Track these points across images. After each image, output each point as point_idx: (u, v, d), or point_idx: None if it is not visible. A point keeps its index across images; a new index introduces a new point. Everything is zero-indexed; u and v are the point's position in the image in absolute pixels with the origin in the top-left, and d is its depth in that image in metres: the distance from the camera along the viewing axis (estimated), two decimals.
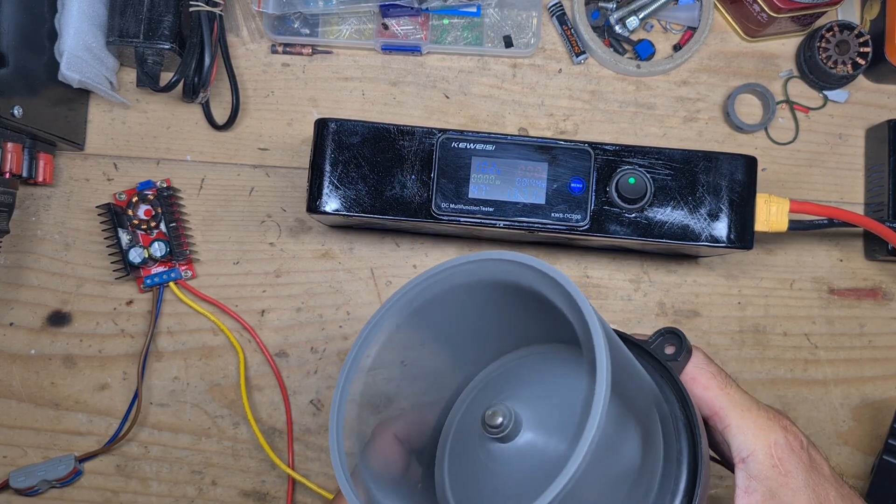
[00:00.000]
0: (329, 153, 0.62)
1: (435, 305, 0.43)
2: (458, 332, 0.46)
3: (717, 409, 0.45)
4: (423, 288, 0.43)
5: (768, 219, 0.63)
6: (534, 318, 0.39)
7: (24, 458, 0.69)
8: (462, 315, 0.44)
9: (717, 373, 0.47)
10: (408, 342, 0.45)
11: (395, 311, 0.44)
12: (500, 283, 0.41)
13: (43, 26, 0.65)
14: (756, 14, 0.69)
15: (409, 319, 0.44)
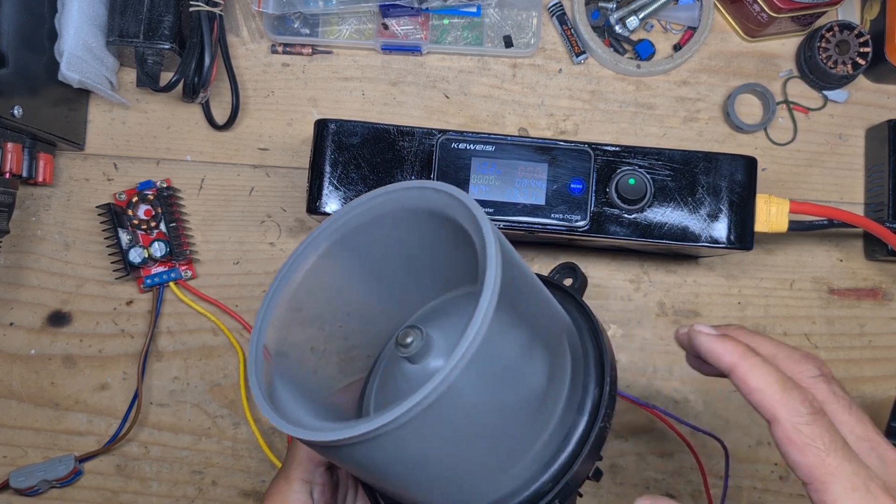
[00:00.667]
0: (329, 154, 0.62)
1: (361, 234, 0.44)
2: (389, 262, 0.45)
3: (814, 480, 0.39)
4: (348, 218, 0.44)
5: (768, 219, 0.63)
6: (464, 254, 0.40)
7: (24, 458, 0.69)
8: (390, 245, 0.44)
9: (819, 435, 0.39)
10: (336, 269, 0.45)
11: (322, 238, 0.44)
12: (421, 210, 0.42)
13: (43, 26, 0.65)
14: (756, 14, 0.69)
15: (335, 247, 0.44)
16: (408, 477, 0.39)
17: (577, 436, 0.41)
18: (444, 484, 0.40)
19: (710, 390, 0.71)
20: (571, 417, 0.42)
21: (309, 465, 0.47)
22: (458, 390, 0.34)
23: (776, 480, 0.70)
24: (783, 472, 0.70)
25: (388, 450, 0.36)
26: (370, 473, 0.39)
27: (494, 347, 0.36)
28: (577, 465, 0.41)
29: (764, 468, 0.70)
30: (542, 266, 0.71)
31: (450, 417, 0.35)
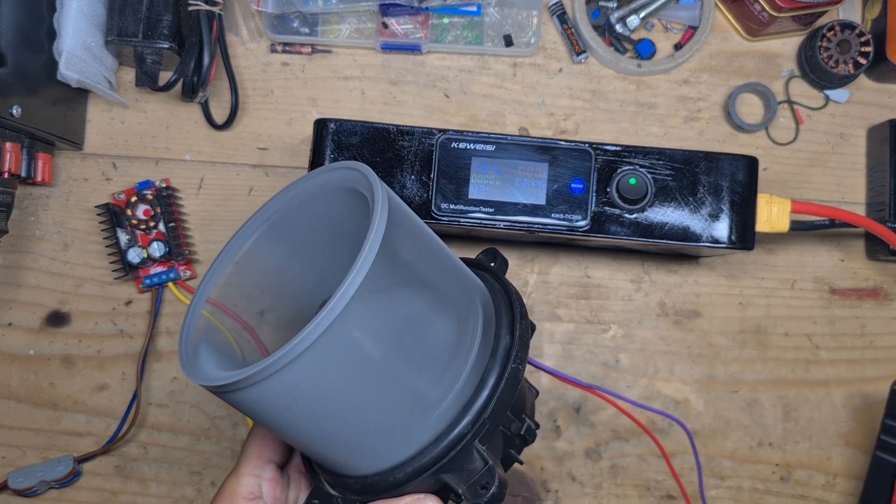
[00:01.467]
0: (329, 153, 0.62)
1: (290, 219, 0.47)
2: (317, 241, 0.48)
3: None
4: (277, 206, 0.47)
5: (769, 219, 0.63)
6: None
7: (23, 458, 0.69)
8: (318, 224, 0.47)
9: None
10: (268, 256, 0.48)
11: (251, 227, 0.48)
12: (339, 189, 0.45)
13: (42, 26, 0.64)
14: (757, 13, 0.69)
15: (266, 234, 0.48)
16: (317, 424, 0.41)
17: (493, 379, 0.44)
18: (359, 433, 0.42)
19: (712, 391, 0.70)
20: (484, 363, 0.45)
21: (259, 461, 0.49)
22: (345, 333, 0.37)
23: (777, 481, 0.70)
24: (784, 472, 0.70)
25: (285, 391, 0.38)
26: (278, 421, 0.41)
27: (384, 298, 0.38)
28: (492, 405, 0.43)
29: (765, 469, 0.70)
30: (542, 266, 0.71)
31: (341, 360, 0.38)
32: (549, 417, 0.70)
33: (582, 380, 0.70)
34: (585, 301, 0.71)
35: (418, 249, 0.43)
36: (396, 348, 0.40)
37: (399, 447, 0.43)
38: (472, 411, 0.43)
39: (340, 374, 0.38)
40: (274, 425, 0.42)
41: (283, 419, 0.41)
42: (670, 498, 0.70)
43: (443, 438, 0.43)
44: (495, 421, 0.44)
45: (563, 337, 0.70)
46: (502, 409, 0.44)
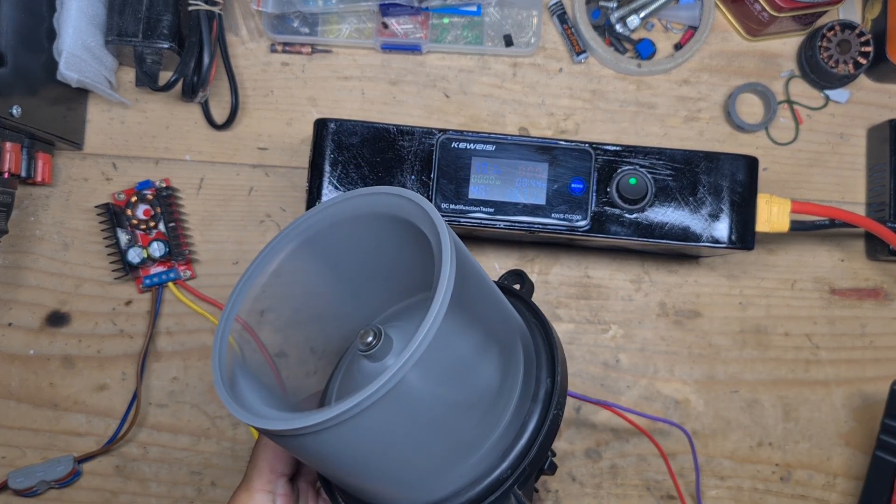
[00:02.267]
0: (329, 153, 0.62)
1: (326, 236, 0.46)
2: (354, 264, 0.48)
3: None
4: (315, 220, 0.46)
5: (769, 219, 0.63)
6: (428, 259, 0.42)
7: (23, 458, 0.69)
8: (355, 247, 0.47)
9: None
10: (301, 269, 0.47)
11: (287, 239, 0.46)
12: (386, 215, 0.44)
13: (42, 25, 0.64)
14: (757, 13, 0.69)
15: (301, 247, 0.46)
16: (366, 468, 0.41)
17: (533, 424, 0.44)
18: (403, 474, 0.42)
19: (712, 391, 0.70)
20: (526, 407, 0.44)
21: (271, 475, 0.48)
22: (410, 385, 0.36)
23: (777, 481, 0.70)
24: (784, 472, 0.70)
25: (344, 440, 0.38)
26: (329, 464, 0.41)
27: (446, 346, 0.38)
28: (534, 451, 0.43)
29: (765, 469, 0.70)
30: (542, 266, 0.71)
31: (402, 410, 0.37)
32: None
33: (584, 378, 0.70)
34: (585, 301, 0.71)
35: (474, 289, 0.42)
36: (450, 393, 0.40)
37: (437, 486, 0.43)
38: (511, 456, 0.43)
39: (395, 422, 0.38)
40: (312, 462, 0.42)
41: (325, 460, 0.40)
42: (670, 498, 0.70)
43: (481, 481, 0.43)
44: (534, 467, 0.44)
45: (564, 337, 0.70)
46: (542, 456, 0.44)
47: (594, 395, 0.70)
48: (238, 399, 0.41)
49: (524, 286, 0.54)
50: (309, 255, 0.47)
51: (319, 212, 0.46)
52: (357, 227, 0.46)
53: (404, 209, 0.43)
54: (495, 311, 0.44)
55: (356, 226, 0.46)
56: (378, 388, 0.35)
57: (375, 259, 0.47)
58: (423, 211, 0.41)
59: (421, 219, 0.41)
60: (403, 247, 0.45)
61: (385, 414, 0.37)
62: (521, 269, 0.55)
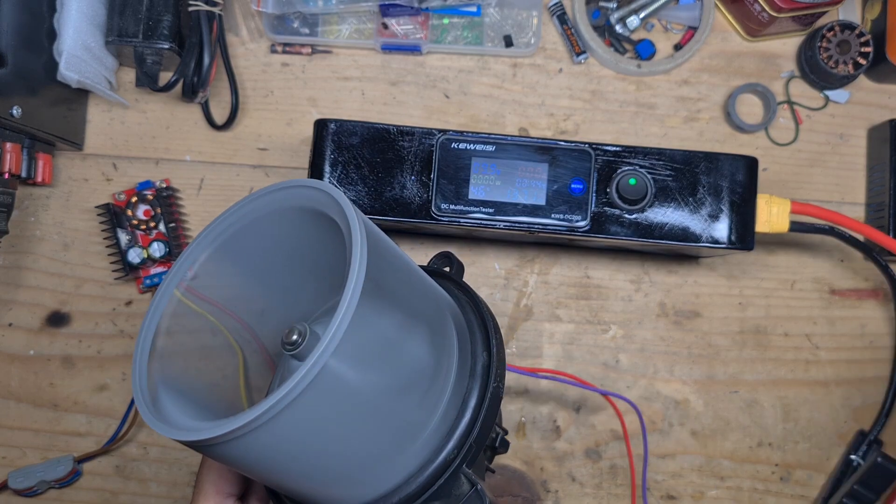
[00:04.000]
0: (329, 154, 0.62)
1: (242, 238, 0.45)
2: (275, 264, 0.46)
3: None
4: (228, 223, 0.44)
5: (769, 219, 0.63)
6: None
7: (23, 458, 0.69)
8: (275, 246, 0.45)
9: None
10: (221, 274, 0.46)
11: (201, 247, 0.45)
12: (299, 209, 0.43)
13: (42, 26, 0.65)
14: (757, 14, 0.69)
15: (218, 252, 0.45)
16: (305, 468, 0.39)
17: (473, 401, 0.43)
18: (346, 469, 0.40)
19: (711, 391, 0.70)
20: (465, 384, 0.44)
21: (217, 497, 0.46)
22: (333, 373, 0.35)
23: (777, 481, 0.70)
24: (784, 472, 0.70)
25: (275, 441, 0.36)
26: (267, 470, 0.39)
27: (365, 329, 0.37)
28: (478, 427, 0.43)
29: (765, 469, 0.70)
30: (542, 266, 0.71)
31: (330, 400, 0.36)
32: (549, 417, 0.70)
33: (584, 378, 0.70)
34: (585, 301, 0.71)
35: (392, 272, 0.41)
36: (380, 378, 0.39)
37: (384, 477, 0.42)
38: (456, 435, 0.42)
39: (327, 414, 0.37)
40: (251, 471, 0.40)
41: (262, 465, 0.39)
42: (670, 498, 0.70)
43: (428, 465, 0.42)
44: (480, 443, 0.43)
45: (563, 337, 0.70)
46: (486, 431, 0.43)
47: (595, 395, 0.70)
48: (160, 413, 0.40)
49: (453, 267, 0.53)
50: (227, 261, 0.45)
51: (232, 213, 0.44)
52: (274, 225, 0.44)
53: (316, 200, 0.41)
54: (417, 290, 0.43)
55: (273, 223, 0.44)
56: (297, 381, 0.34)
57: (299, 256, 0.46)
58: (329, 198, 0.40)
59: (330, 206, 0.40)
60: (326, 240, 0.43)
61: (312, 407, 0.35)
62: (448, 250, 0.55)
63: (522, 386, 0.70)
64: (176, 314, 0.45)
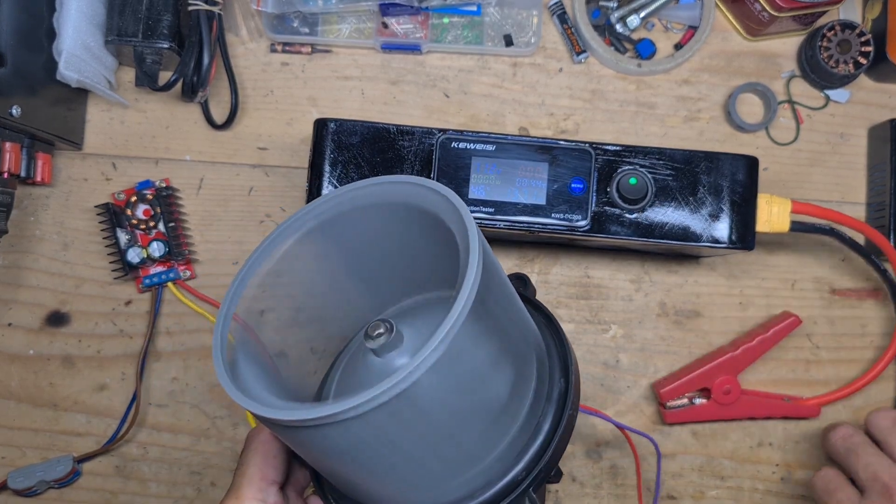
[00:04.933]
0: (328, 153, 0.62)
1: (341, 223, 0.45)
2: (368, 253, 0.46)
3: None
4: (331, 205, 0.44)
5: (770, 219, 0.63)
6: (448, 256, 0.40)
7: (23, 458, 0.69)
8: (369, 235, 0.45)
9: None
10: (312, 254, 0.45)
11: (299, 223, 0.45)
12: (407, 206, 0.42)
13: (41, 25, 0.64)
14: (757, 13, 0.69)
15: (312, 232, 0.45)
16: (368, 467, 0.39)
17: (547, 426, 0.43)
18: (406, 476, 0.40)
19: None
20: (540, 408, 0.43)
21: (262, 483, 0.45)
22: (419, 390, 0.35)
23: (777, 481, 0.70)
24: (784, 472, 0.70)
25: (349, 436, 0.36)
26: (331, 461, 0.39)
27: (460, 356, 0.36)
28: (550, 453, 0.42)
29: (765, 469, 0.70)
30: (542, 266, 0.71)
31: (410, 413, 0.36)
32: None
33: (584, 378, 0.70)
34: (585, 301, 0.71)
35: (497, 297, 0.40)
36: (467, 395, 0.39)
37: (447, 489, 0.41)
38: (526, 458, 0.42)
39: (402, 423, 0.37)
40: (315, 458, 0.40)
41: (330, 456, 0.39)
42: (671, 498, 0.70)
43: (493, 484, 0.42)
44: (549, 469, 0.42)
45: None
46: (557, 458, 0.43)
47: (594, 396, 0.70)
48: (241, 386, 0.39)
49: (528, 290, 0.53)
50: (320, 241, 0.45)
51: (335, 197, 0.44)
52: (373, 216, 0.44)
53: (428, 200, 0.41)
54: (514, 320, 0.43)
55: (373, 214, 0.44)
56: (391, 387, 0.34)
57: (389, 250, 0.46)
58: (449, 204, 0.39)
59: (446, 212, 0.40)
60: (420, 239, 0.43)
61: (393, 414, 0.35)
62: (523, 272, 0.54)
63: None
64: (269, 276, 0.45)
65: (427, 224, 0.41)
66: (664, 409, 0.68)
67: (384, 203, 0.43)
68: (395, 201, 0.43)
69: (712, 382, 0.68)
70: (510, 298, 0.42)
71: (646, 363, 0.70)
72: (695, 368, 0.68)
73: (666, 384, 0.68)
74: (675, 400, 0.68)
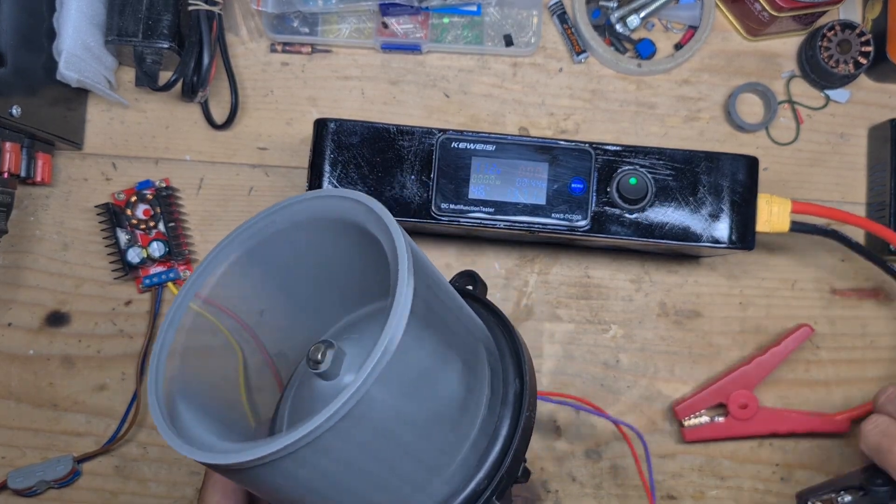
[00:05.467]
0: (328, 153, 0.62)
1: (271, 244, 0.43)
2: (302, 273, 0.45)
3: None
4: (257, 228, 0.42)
5: (770, 219, 0.63)
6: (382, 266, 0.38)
7: (23, 458, 0.69)
8: (302, 256, 0.43)
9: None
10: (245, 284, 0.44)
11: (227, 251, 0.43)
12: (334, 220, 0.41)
13: (41, 25, 0.64)
14: (757, 13, 0.69)
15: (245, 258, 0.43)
16: (331, 496, 0.37)
17: (505, 430, 0.42)
18: (373, 498, 0.39)
19: None
20: (496, 412, 0.42)
21: None
22: (370, 405, 0.34)
23: (777, 481, 0.70)
24: (784, 472, 0.70)
25: (302, 468, 0.34)
26: (289, 497, 0.37)
27: (407, 360, 0.35)
28: (510, 458, 0.41)
29: (765, 469, 0.70)
30: (542, 266, 0.71)
31: (365, 431, 0.35)
32: (549, 417, 0.70)
33: (584, 378, 0.70)
34: (585, 301, 0.71)
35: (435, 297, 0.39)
36: (415, 407, 0.37)
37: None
38: (486, 465, 0.41)
39: (359, 443, 0.35)
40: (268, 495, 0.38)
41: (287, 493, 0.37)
42: (670, 498, 0.70)
43: (457, 495, 0.40)
44: (511, 475, 0.42)
45: (564, 337, 0.70)
46: (518, 463, 0.42)
47: (594, 396, 0.70)
48: (180, 429, 0.37)
49: (477, 287, 0.52)
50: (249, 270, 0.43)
51: (262, 218, 0.42)
52: (304, 233, 0.42)
53: (354, 212, 0.40)
54: (456, 317, 0.41)
55: (303, 232, 0.42)
56: (337, 409, 0.32)
57: (326, 267, 0.44)
58: (374, 214, 0.38)
59: (372, 222, 0.38)
60: (355, 252, 0.42)
61: (347, 436, 0.34)
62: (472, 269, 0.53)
63: None
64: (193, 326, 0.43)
65: (355, 236, 0.40)
66: (683, 427, 0.68)
67: (310, 220, 0.42)
68: (321, 217, 0.41)
69: (727, 397, 0.67)
70: (449, 298, 0.41)
71: (646, 363, 0.70)
72: (709, 386, 0.68)
73: (681, 402, 0.68)
74: (694, 418, 0.68)
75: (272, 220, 0.42)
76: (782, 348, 0.68)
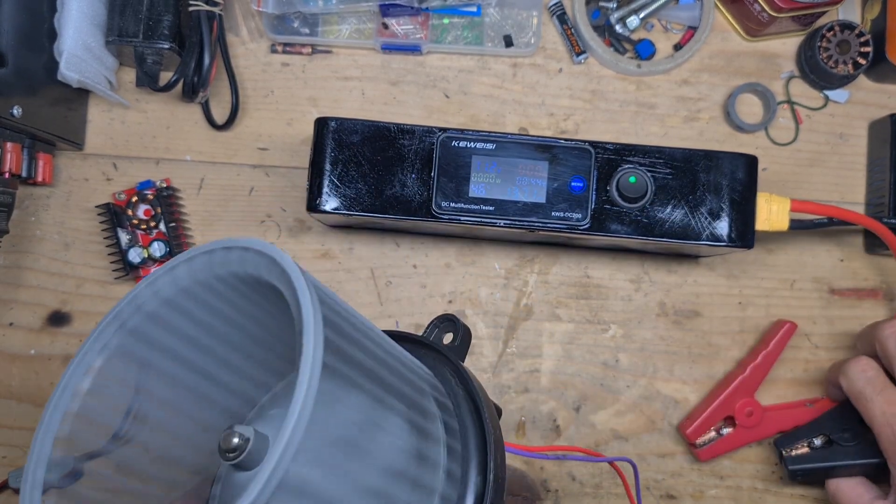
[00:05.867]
0: (329, 152, 0.62)
1: (160, 320, 0.36)
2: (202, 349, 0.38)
3: None
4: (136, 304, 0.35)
5: (769, 218, 0.63)
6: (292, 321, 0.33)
7: (23, 458, 0.69)
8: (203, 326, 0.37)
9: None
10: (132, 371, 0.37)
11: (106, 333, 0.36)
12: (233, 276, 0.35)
13: (42, 26, 0.65)
14: (757, 13, 0.69)
15: (128, 342, 0.36)
16: None
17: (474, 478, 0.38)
18: None
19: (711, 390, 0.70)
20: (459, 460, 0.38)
21: None
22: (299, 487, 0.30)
23: (777, 481, 0.70)
24: (784, 472, 0.70)
25: None
26: None
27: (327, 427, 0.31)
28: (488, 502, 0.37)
29: (765, 469, 0.70)
30: (542, 266, 0.71)
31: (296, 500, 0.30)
32: (549, 417, 0.70)
33: (583, 378, 0.70)
34: (585, 301, 0.71)
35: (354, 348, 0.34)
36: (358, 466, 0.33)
37: None
38: None
39: None
40: None
41: None
42: (670, 497, 0.70)
43: None
44: None
45: (563, 337, 0.70)
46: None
47: (595, 394, 0.70)
48: None
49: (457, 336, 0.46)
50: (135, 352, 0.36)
51: (144, 288, 0.35)
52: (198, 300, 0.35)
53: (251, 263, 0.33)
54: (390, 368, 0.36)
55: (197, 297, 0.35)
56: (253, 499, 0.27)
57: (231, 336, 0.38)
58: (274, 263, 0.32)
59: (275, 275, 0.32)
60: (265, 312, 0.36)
61: None
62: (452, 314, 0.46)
63: (522, 385, 0.70)
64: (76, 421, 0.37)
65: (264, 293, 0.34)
66: (695, 448, 0.68)
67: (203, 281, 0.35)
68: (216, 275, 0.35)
69: (733, 408, 0.67)
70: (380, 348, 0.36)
71: (645, 363, 0.71)
72: (710, 402, 0.68)
73: (689, 424, 0.68)
74: (704, 436, 0.68)
75: (154, 289, 0.35)
76: (773, 349, 0.68)
